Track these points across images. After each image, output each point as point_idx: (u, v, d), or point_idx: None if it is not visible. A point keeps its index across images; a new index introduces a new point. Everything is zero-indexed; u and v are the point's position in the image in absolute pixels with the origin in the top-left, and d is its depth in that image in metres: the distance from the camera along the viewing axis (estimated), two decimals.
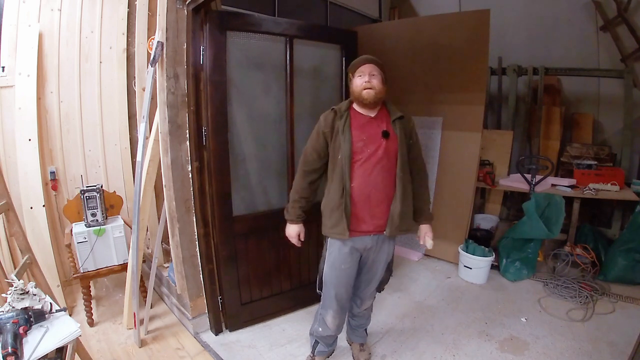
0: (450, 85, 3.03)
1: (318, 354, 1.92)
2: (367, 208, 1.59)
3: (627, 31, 3.32)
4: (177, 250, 2.01)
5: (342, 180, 1.56)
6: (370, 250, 1.67)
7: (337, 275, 1.67)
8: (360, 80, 1.57)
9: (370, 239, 1.64)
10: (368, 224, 1.60)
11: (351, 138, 1.55)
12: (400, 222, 1.59)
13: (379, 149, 1.56)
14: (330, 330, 1.80)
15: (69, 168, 2.61)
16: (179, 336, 2.15)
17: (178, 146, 1.91)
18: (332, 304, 1.73)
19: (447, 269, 3.04)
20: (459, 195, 3.05)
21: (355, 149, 1.55)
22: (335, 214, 1.58)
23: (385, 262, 1.73)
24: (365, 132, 1.57)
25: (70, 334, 1.30)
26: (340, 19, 4.00)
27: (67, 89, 2.56)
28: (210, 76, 1.86)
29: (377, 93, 1.56)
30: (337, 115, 1.60)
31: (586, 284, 2.61)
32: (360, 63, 1.60)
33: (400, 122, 1.61)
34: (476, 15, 2.84)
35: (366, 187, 1.57)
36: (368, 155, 1.56)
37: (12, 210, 1.65)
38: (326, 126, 1.60)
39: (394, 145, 1.58)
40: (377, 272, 1.74)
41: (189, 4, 1.79)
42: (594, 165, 3.32)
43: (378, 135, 1.57)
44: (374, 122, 1.60)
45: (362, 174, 1.56)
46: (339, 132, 1.56)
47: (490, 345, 2.05)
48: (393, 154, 1.58)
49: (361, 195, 1.57)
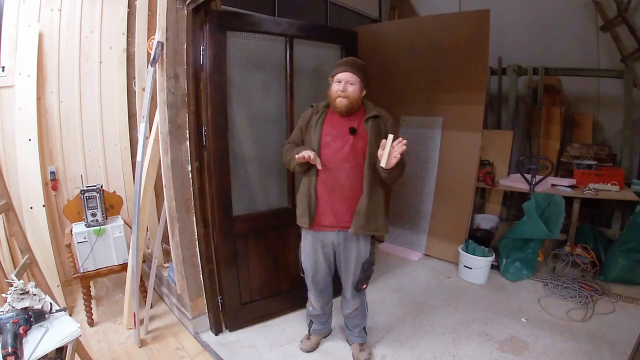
0: (450, 85, 3.03)
1: (314, 332, 2.02)
2: (330, 203, 1.63)
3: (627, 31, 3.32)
4: (177, 250, 2.01)
5: (309, 173, 1.63)
6: (339, 247, 1.70)
7: (311, 264, 1.78)
8: (336, 87, 1.59)
9: (334, 235, 1.67)
10: (330, 219, 1.64)
11: (321, 131, 1.62)
12: (367, 221, 1.60)
13: (346, 145, 1.59)
14: (317, 310, 1.91)
15: (69, 168, 2.61)
16: (179, 336, 2.15)
17: (178, 146, 1.91)
18: (311, 288, 1.86)
19: (447, 269, 3.04)
20: (459, 195, 3.05)
21: (324, 142, 1.60)
22: (302, 205, 1.66)
23: (358, 261, 1.71)
24: (335, 128, 1.62)
25: (70, 334, 1.30)
26: (340, 19, 4.00)
27: (67, 89, 2.56)
28: (210, 76, 1.86)
29: (351, 102, 1.59)
30: (314, 111, 1.69)
31: (586, 284, 2.61)
32: (339, 70, 1.61)
33: (373, 120, 1.63)
34: (476, 15, 2.84)
35: (330, 182, 1.61)
36: (334, 150, 1.60)
37: (12, 210, 1.65)
38: (303, 120, 1.70)
39: (363, 143, 1.60)
40: (350, 271, 1.74)
41: (189, 4, 1.79)
42: (594, 165, 3.32)
43: (346, 131, 1.60)
44: (346, 120, 1.64)
45: (327, 169, 1.60)
46: (312, 126, 1.65)
47: (490, 345, 2.05)
48: (361, 152, 1.60)
49: (325, 189, 1.63)
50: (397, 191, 3.42)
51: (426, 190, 3.23)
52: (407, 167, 1.72)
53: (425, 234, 3.26)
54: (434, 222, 3.22)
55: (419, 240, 3.30)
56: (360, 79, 1.60)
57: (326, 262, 1.77)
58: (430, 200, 3.20)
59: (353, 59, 1.65)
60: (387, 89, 3.36)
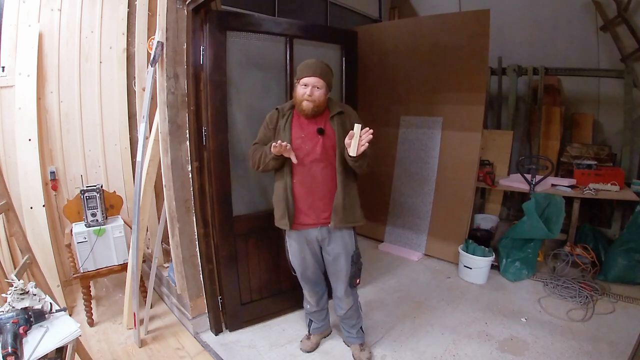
0: (450, 85, 3.03)
1: (313, 332, 2.03)
2: (308, 202, 1.67)
3: (627, 31, 3.32)
4: (177, 250, 2.01)
5: (284, 176, 1.66)
6: (324, 242, 1.74)
7: (299, 263, 1.82)
8: (302, 90, 1.61)
9: (317, 231, 1.71)
10: (310, 217, 1.69)
11: (290, 136, 1.64)
12: (344, 214, 1.66)
13: (317, 145, 1.64)
14: (313, 306, 1.94)
15: (69, 168, 2.61)
16: (179, 336, 2.15)
17: (178, 146, 1.91)
18: (304, 284, 1.90)
19: (447, 269, 3.04)
20: (459, 195, 3.05)
21: (295, 145, 1.63)
22: (280, 207, 1.68)
23: (346, 254, 1.75)
24: (303, 130, 1.65)
25: (70, 334, 1.30)
26: (340, 19, 4.00)
27: (67, 89, 2.56)
28: (210, 76, 1.87)
29: (317, 106, 1.62)
30: (280, 114, 1.70)
31: (586, 284, 2.61)
32: (306, 74, 1.61)
33: (339, 117, 1.67)
34: (476, 15, 2.84)
35: (306, 182, 1.66)
36: (306, 151, 1.64)
37: (12, 210, 1.65)
38: (270, 122, 1.71)
39: (332, 141, 1.65)
40: (341, 266, 1.77)
41: (189, 4, 1.79)
42: (594, 165, 3.32)
43: (315, 132, 1.64)
44: (312, 120, 1.66)
45: (302, 169, 1.64)
46: (281, 129, 1.66)
47: (490, 345, 2.05)
48: (331, 150, 1.65)
49: (302, 190, 1.67)
50: (397, 191, 3.43)
51: (426, 190, 3.23)
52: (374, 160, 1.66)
53: (425, 234, 3.26)
54: (434, 222, 3.22)
55: (419, 240, 3.30)
56: (326, 83, 1.63)
57: (314, 257, 1.81)
58: (430, 200, 3.20)
59: (319, 63, 1.63)
60: (387, 89, 3.35)
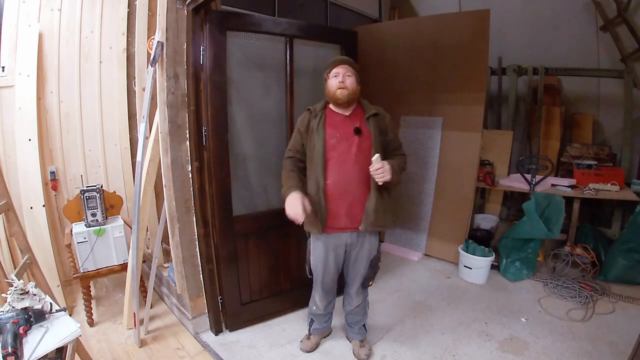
0: (450, 85, 3.03)
1: (314, 332, 2.02)
2: (342, 205, 1.63)
3: (627, 31, 3.32)
4: (177, 250, 2.01)
5: (317, 178, 1.61)
6: (352, 247, 1.72)
7: (321, 268, 1.79)
8: (334, 80, 1.62)
9: (347, 236, 1.68)
10: (344, 220, 1.64)
11: (324, 135, 1.60)
12: (376, 217, 1.62)
13: (352, 145, 1.60)
14: (320, 310, 1.92)
15: (69, 168, 2.61)
16: (179, 336, 2.15)
17: (178, 146, 1.91)
18: (318, 289, 1.87)
19: (447, 269, 3.04)
20: (459, 195, 3.05)
21: (329, 146, 1.60)
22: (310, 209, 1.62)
23: (367, 259, 1.76)
24: (338, 130, 1.62)
25: (70, 334, 1.30)
26: (340, 19, 4.00)
27: (67, 89, 2.56)
28: (210, 76, 1.86)
29: (351, 93, 1.61)
30: (312, 115, 1.67)
31: (586, 284, 2.61)
32: (335, 64, 1.65)
33: (374, 119, 1.65)
34: (476, 15, 2.84)
35: (341, 184, 1.61)
36: (341, 152, 1.60)
37: (12, 210, 1.65)
38: (302, 125, 1.68)
39: (368, 142, 1.62)
40: (360, 269, 1.78)
41: (189, 4, 1.79)
42: (594, 165, 3.32)
43: (351, 132, 1.61)
44: (348, 120, 1.64)
45: (336, 171, 1.60)
46: (314, 130, 1.62)
47: (490, 345, 2.05)
48: (367, 151, 1.61)
49: (336, 192, 1.61)
50: (397, 191, 3.42)
51: (426, 190, 3.23)
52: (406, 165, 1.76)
53: (425, 234, 3.26)
54: (434, 222, 3.22)
55: (419, 240, 3.31)
56: (355, 73, 1.65)
57: (336, 264, 1.78)
58: (430, 200, 3.21)
59: (346, 57, 1.69)
60: (387, 89, 3.36)
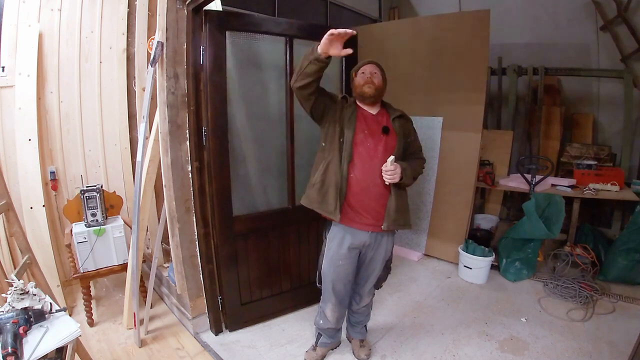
0: (450, 85, 3.02)
1: (320, 345, 1.97)
2: (364, 201, 1.61)
3: (627, 31, 3.32)
4: (177, 250, 2.01)
5: (341, 164, 1.58)
6: (369, 247, 1.70)
7: (335, 271, 1.71)
8: (362, 77, 1.66)
9: (368, 236, 1.66)
10: (365, 217, 1.63)
11: (355, 128, 1.61)
12: (397, 215, 1.63)
13: (379, 144, 1.62)
14: (330, 323, 1.85)
15: (69, 168, 2.61)
16: (179, 336, 2.15)
17: (178, 146, 1.91)
18: (330, 298, 1.78)
19: (447, 269, 3.04)
20: (459, 195, 3.05)
21: (357, 140, 1.60)
22: (330, 193, 1.58)
23: (383, 259, 1.76)
24: (367, 126, 1.63)
25: (70, 334, 1.30)
26: (340, 19, 4.01)
27: (67, 89, 2.56)
28: (210, 76, 1.86)
29: (377, 89, 1.64)
30: (347, 103, 1.68)
31: (586, 284, 2.61)
32: (364, 63, 1.72)
33: (399, 120, 1.69)
34: (476, 16, 2.84)
35: (365, 179, 1.60)
36: (368, 148, 1.60)
37: (12, 210, 1.65)
38: (336, 99, 1.67)
39: (393, 142, 1.65)
40: (374, 270, 1.77)
41: (189, 4, 1.79)
42: (594, 165, 3.32)
43: (379, 130, 1.63)
44: (376, 119, 1.67)
45: (361, 166, 1.60)
46: (345, 119, 1.62)
47: (490, 345, 2.05)
48: (392, 151, 1.63)
49: (359, 187, 1.60)
50: None
51: (426, 190, 3.23)
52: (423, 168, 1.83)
53: (425, 234, 3.26)
54: (434, 222, 3.22)
55: (419, 240, 3.31)
56: (383, 73, 1.70)
57: (351, 266, 1.72)
58: (430, 200, 3.20)
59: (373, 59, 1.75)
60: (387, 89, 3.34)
